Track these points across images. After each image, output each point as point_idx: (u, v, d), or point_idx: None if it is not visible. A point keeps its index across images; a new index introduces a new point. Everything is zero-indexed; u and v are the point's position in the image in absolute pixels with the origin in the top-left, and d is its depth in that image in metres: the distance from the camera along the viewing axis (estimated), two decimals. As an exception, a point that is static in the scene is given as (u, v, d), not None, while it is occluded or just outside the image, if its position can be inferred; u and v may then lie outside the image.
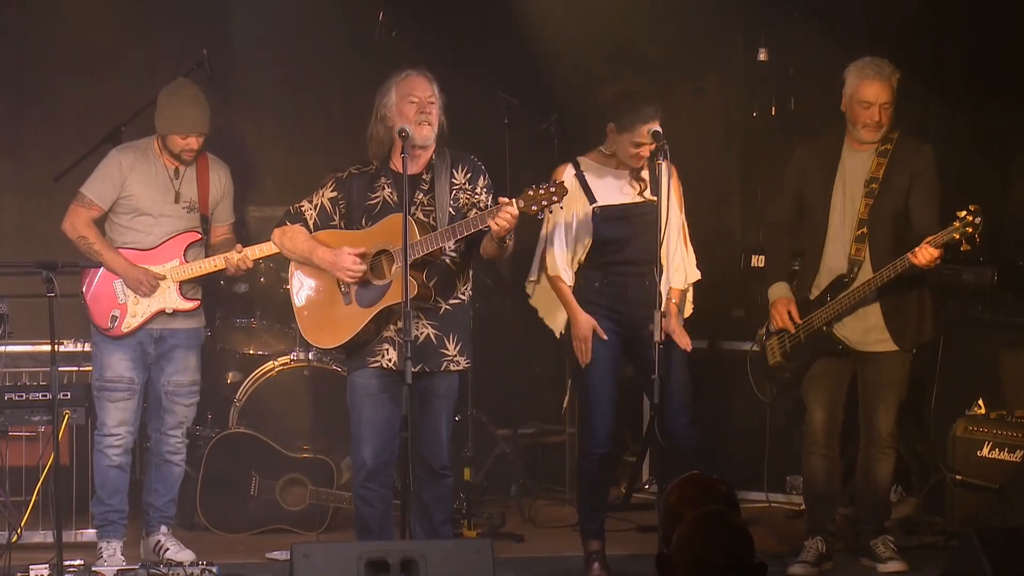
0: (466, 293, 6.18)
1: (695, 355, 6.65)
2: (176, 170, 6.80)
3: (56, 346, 6.11)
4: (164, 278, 6.74)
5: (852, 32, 7.80)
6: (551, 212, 5.93)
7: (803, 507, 7.41)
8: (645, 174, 6.45)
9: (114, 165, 6.79)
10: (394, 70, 6.16)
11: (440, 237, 5.93)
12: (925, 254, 6.22)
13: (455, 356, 6.11)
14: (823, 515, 6.70)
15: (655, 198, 6.36)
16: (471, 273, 6.22)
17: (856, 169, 6.52)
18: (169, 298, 6.77)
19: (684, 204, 6.55)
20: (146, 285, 6.71)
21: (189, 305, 6.82)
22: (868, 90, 6.44)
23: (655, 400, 6.20)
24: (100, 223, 6.81)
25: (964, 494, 7.03)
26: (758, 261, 7.68)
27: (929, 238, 6.23)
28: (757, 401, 7.13)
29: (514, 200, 5.83)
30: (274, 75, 8.49)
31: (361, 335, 6.06)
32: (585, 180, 6.48)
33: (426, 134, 6.05)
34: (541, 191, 5.84)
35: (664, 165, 6.27)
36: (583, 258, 6.49)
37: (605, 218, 6.45)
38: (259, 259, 6.80)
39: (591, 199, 6.47)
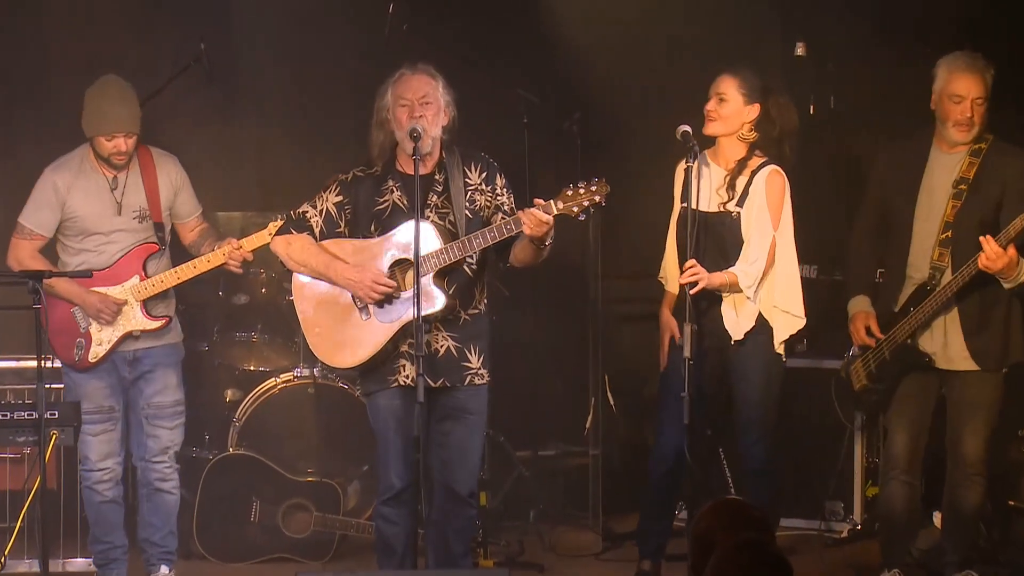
0: (483, 303, 5.99)
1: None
2: (115, 179, 6.50)
3: (43, 361, 5.88)
4: (125, 303, 6.47)
5: (895, 25, 7.66)
6: (592, 212, 5.71)
7: (843, 534, 7.40)
8: (740, 182, 6.21)
9: (49, 188, 6.51)
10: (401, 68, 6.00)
11: (470, 243, 5.73)
12: (989, 249, 5.89)
13: (479, 368, 5.91)
14: (901, 546, 6.48)
15: (739, 209, 6.17)
16: (486, 282, 6.03)
17: (944, 171, 6.24)
18: (134, 319, 6.52)
19: (782, 218, 6.24)
20: (106, 314, 6.45)
21: (156, 324, 6.56)
22: (959, 83, 6.19)
23: (686, 420, 6.01)
24: (50, 248, 6.55)
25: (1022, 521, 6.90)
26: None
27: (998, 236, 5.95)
28: (794, 422, 6.97)
29: (551, 202, 5.61)
30: (279, 72, 8.34)
31: (382, 352, 5.83)
32: (689, 176, 6.21)
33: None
34: (581, 190, 5.64)
35: (695, 167, 6.13)
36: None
37: (683, 222, 6.24)
38: (257, 248, 6.52)
39: (683, 198, 6.27)
